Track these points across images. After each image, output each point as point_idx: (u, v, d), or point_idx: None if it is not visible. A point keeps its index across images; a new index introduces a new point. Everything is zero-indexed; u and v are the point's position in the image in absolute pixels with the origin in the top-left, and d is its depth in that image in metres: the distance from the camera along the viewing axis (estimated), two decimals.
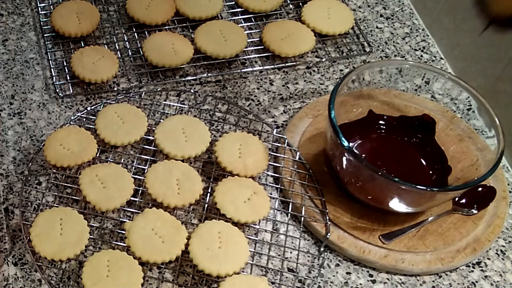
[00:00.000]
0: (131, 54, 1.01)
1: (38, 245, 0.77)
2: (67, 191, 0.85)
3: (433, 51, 1.05)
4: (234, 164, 0.85)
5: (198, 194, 0.82)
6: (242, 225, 0.81)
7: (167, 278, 0.78)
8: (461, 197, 0.84)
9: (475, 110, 0.85)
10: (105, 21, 1.06)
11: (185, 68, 1.00)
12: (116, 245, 0.80)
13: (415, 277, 0.80)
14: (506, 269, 0.82)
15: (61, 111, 0.94)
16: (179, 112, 0.94)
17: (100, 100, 0.95)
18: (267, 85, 0.99)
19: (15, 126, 0.93)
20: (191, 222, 0.82)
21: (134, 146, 0.89)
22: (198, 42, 1.00)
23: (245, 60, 1.02)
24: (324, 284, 0.79)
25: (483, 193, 0.85)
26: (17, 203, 0.84)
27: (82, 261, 0.77)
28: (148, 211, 0.80)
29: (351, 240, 0.81)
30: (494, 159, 0.78)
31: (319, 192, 0.85)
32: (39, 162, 0.88)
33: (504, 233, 0.85)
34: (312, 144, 0.91)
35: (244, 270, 0.77)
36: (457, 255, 0.81)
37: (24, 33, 1.05)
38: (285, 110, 0.96)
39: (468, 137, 0.86)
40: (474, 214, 0.84)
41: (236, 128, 0.92)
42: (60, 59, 1.00)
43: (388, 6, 1.12)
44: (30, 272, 0.78)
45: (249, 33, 1.04)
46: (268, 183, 0.87)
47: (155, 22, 1.03)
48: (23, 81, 0.98)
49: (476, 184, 0.77)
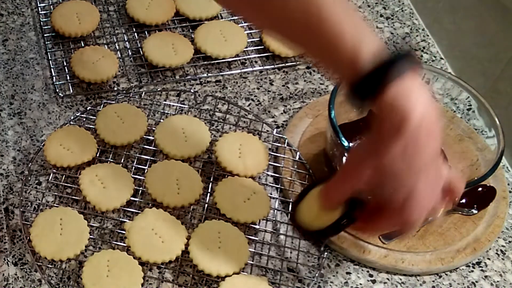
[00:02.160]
0: (131, 54, 1.01)
1: (38, 245, 0.77)
2: (67, 191, 0.85)
3: (433, 51, 1.05)
4: (234, 164, 0.85)
5: (198, 194, 0.82)
6: (242, 225, 0.81)
7: (167, 278, 0.78)
8: (461, 197, 0.84)
9: (475, 110, 0.85)
10: (105, 21, 1.06)
11: (185, 68, 1.00)
12: (116, 245, 0.80)
13: (415, 277, 0.80)
14: (506, 269, 0.82)
15: (61, 111, 0.94)
16: (179, 112, 0.94)
17: (100, 100, 0.95)
18: (267, 85, 0.99)
19: (15, 126, 0.93)
20: (191, 222, 0.82)
21: (134, 146, 0.89)
22: (198, 42, 1.00)
23: (245, 60, 1.02)
24: (324, 284, 0.79)
25: (483, 193, 0.85)
26: (17, 203, 0.84)
27: (82, 261, 0.77)
28: (148, 211, 0.80)
29: (351, 240, 0.81)
30: (494, 159, 0.78)
31: None
32: (39, 162, 0.88)
33: (504, 233, 0.85)
34: (312, 144, 0.91)
35: (244, 270, 0.77)
36: (457, 255, 0.81)
37: (24, 33, 1.05)
38: (285, 110, 0.96)
39: (468, 137, 0.86)
40: (474, 214, 0.84)
41: (236, 128, 0.92)
42: (60, 59, 1.00)
43: (388, 6, 1.12)
44: (30, 272, 0.78)
45: (249, 33, 1.04)
46: (268, 183, 0.87)
47: (155, 22, 1.03)
48: (23, 81, 0.98)
49: (476, 184, 0.77)
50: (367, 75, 0.58)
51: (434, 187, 0.63)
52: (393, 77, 0.58)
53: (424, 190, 0.62)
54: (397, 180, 0.61)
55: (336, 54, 0.60)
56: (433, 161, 0.61)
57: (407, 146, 0.58)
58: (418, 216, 0.63)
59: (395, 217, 0.65)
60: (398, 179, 0.61)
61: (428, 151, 0.59)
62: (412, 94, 0.58)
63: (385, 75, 0.58)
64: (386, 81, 0.58)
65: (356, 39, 0.59)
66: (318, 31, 0.60)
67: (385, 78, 0.58)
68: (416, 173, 0.60)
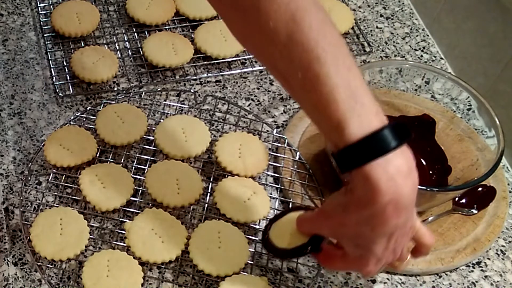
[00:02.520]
0: (131, 54, 1.01)
1: (38, 245, 0.77)
2: (67, 191, 0.85)
3: (433, 51, 1.05)
4: (234, 164, 0.85)
5: (198, 194, 0.82)
6: (242, 225, 0.81)
7: (167, 278, 0.78)
8: (461, 197, 0.84)
9: (475, 110, 0.85)
10: (105, 21, 1.06)
11: (185, 68, 1.00)
12: (116, 245, 0.80)
13: (415, 277, 0.80)
14: (506, 269, 0.82)
15: (61, 111, 0.94)
16: (179, 112, 0.94)
17: (100, 100, 0.95)
18: (267, 85, 0.99)
19: (15, 126, 0.93)
20: (191, 222, 0.82)
21: (134, 146, 0.89)
22: (198, 42, 1.00)
23: (245, 60, 1.02)
24: (324, 284, 0.79)
25: (483, 193, 0.85)
26: (17, 203, 0.84)
27: (82, 261, 0.77)
28: (148, 211, 0.80)
29: None
30: (494, 159, 0.78)
31: (319, 192, 0.85)
32: (39, 162, 0.88)
33: (504, 233, 0.85)
34: (312, 144, 0.91)
35: (244, 270, 0.77)
36: (457, 255, 0.80)
37: (24, 33, 1.05)
38: (285, 110, 0.96)
39: (468, 137, 0.86)
40: (474, 214, 0.84)
41: (236, 128, 0.92)
42: (60, 59, 1.00)
43: (388, 6, 1.12)
44: (30, 272, 0.78)
45: None
46: (268, 183, 0.87)
47: (155, 22, 1.03)
48: (23, 81, 0.98)
49: (476, 184, 0.77)
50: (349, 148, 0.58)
51: (395, 248, 0.64)
52: (375, 155, 0.57)
53: (382, 252, 0.63)
54: (358, 238, 0.63)
55: (325, 116, 0.59)
56: (398, 229, 0.62)
57: (373, 216, 0.59)
58: (371, 269, 0.65)
59: (350, 264, 0.68)
60: (358, 238, 0.63)
61: (394, 223, 0.60)
62: (385, 174, 0.57)
63: (367, 152, 0.57)
64: (367, 158, 0.57)
65: (348, 108, 0.58)
66: (312, 88, 0.59)
67: (367, 155, 0.57)
68: (378, 238, 0.62)
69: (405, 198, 0.59)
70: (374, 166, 0.57)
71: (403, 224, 0.61)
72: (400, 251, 0.66)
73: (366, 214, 0.60)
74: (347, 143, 0.58)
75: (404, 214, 0.60)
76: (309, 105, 0.62)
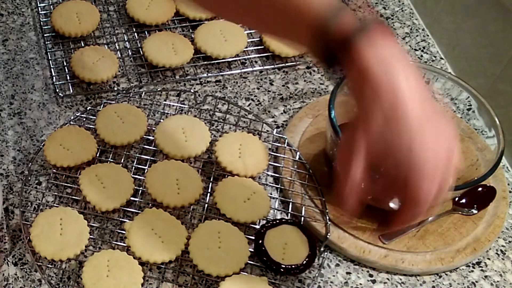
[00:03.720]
0: (131, 54, 1.01)
1: (38, 245, 0.77)
2: (67, 191, 0.85)
3: (433, 51, 1.05)
4: (234, 164, 0.85)
5: (198, 194, 0.82)
6: (242, 225, 0.81)
7: (167, 278, 0.78)
8: (461, 197, 0.84)
9: (475, 110, 0.85)
10: (105, 21, 1.06)
11: (185, 68, 1.00)
12: (116, 245, 0.80)
13: (415, 277, 0.80)
14: (506, 269, 0.82)
15: (61, 111, 0.94)
16: (179, 112, 0.94)
17: (100, 100, 0.95)
18: (267, 85, 0.99)
19: (15, 126, 0.93)
20: (191, 222, 0.82)
21: (134, 146, 0.89)
22: (198, 42, 1.00)
23: (245, 60, 1.02)
24: (324, 284, 0.79)
25: (483, 193, 0.85)
26: (17, 203, 0.84)
27: (82, 261, 0.77)
28: (148, 211, 0.80)
29: (351, 240, 0.81)
30: (494, 159, 0.78)
31: (319, 192, 0.85)
32: (39, 162, 0.88)
33: (504, 233, 0.85)
34: (312, 144, 0.91)
35: (244, 270, 0.77)
36: (457, 255, 0.80)
37: (24, 33, 1.05)
38: (285, 110, 0.96)
39: (468, 137, 0.86)
40: (474, 214, 0.84)
41: (236, 128, 0.92)
42: (60, 59, 1.00)
43: (388, 6, 1.12)
44: (30, 272, 0.78)
45: (249, 33, 1.04)
46: (268, 183, 0.87)
47: (155, 22, 1.03)
48: (23, 81, 0.98)
49: (476, 184, 0.77)
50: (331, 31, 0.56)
51: (438, 145, 0.54)
52: (358, 33, 0.56)
53: (425, 152, 0.54)
54: (392, 150, 0.55)
55: (302, 20, 0.57)
56: (428, 118, 0.54)
57: (386, 110, 0.53)
58: (427, 189, 0.55)
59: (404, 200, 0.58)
60: (391, 148, 0.54)
61: (414, 108, 0.53)
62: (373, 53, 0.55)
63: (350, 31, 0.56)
64: (351, 37, 0.56)
65: (325, 5, 0.57)
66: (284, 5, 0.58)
67: (350, 35, 0.56)
68: (409, 136, 0.53)
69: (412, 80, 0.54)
70: (364, 52, 0.56)
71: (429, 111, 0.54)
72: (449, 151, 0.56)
73: (379, 114, 0.53)
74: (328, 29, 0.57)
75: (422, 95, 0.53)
76: (282, 18, 0.61)
